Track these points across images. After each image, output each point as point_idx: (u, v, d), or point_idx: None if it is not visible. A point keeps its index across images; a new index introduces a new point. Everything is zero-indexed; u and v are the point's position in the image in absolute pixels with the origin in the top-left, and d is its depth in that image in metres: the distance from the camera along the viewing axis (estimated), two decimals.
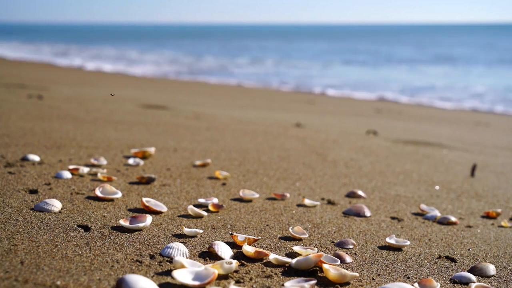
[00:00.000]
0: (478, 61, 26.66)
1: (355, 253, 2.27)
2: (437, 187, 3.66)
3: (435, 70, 22.42)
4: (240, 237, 2.20)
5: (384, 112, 9.90)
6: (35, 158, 3.35)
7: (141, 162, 3.52)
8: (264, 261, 2.06)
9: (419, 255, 2.31)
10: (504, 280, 2.12)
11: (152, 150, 3.75)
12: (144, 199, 2.56)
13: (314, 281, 1.84)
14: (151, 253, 2.02)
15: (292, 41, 55.24)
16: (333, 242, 2.38)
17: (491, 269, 2.17)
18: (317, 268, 2.02)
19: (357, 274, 1.95)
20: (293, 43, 48.95)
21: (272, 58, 28.97)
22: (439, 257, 2.30)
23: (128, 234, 2.21)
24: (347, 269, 2.07)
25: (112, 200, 2.67)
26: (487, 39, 56.69)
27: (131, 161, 3.52)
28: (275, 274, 1.95)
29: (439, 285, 1.93)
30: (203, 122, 5.84)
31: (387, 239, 2.39)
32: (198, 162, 3.65)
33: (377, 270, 2.10)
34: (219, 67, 22.95)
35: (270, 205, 2.88)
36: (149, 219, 2.32)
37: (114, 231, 2.22)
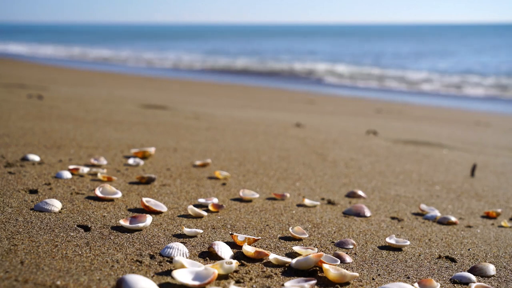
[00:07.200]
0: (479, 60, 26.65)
1: (355, 253, 2.27)
2: (437, 187, 3.66)
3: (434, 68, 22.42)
4: (240, 237, 2.20)
5: (384, 112, 9.90)
6: (35, 158, 3.35)
7: (141, 162, 3.52)
8: (264, 261, 2.06)
9: (419, 255, 2.31)
10: (504, 280, 2.12)
11: (152, 150, 3.76)
12: (144, 199, 2.56)
13: (314, 281, 1.84)
14: (151, 253, 2.02)
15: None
16: (333, 242, 2.38)
17: (491, 269, 2.17)
18: (317, 268, 2.02)
19: (357, 274, 1.94)
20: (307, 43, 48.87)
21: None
22: (439, 257, 2.30)
23: (128, 234, 2.21)
24: (347, 269, 2.07)
25: (112, 200, 2.67)
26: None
27: (131, 161, 3.52)
28: (275, 274, 1.95)
29: (439, 285, 1.93)
30: (203, 122, 5.84)
31: (387, 239, 2.39)
32: (198, 162, 3.65)
33: (377, 270, 2.10)
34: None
35: (270, 205, 2.88)
36: (149, 219, 2.32)
37: (114, 231, 2.22)
